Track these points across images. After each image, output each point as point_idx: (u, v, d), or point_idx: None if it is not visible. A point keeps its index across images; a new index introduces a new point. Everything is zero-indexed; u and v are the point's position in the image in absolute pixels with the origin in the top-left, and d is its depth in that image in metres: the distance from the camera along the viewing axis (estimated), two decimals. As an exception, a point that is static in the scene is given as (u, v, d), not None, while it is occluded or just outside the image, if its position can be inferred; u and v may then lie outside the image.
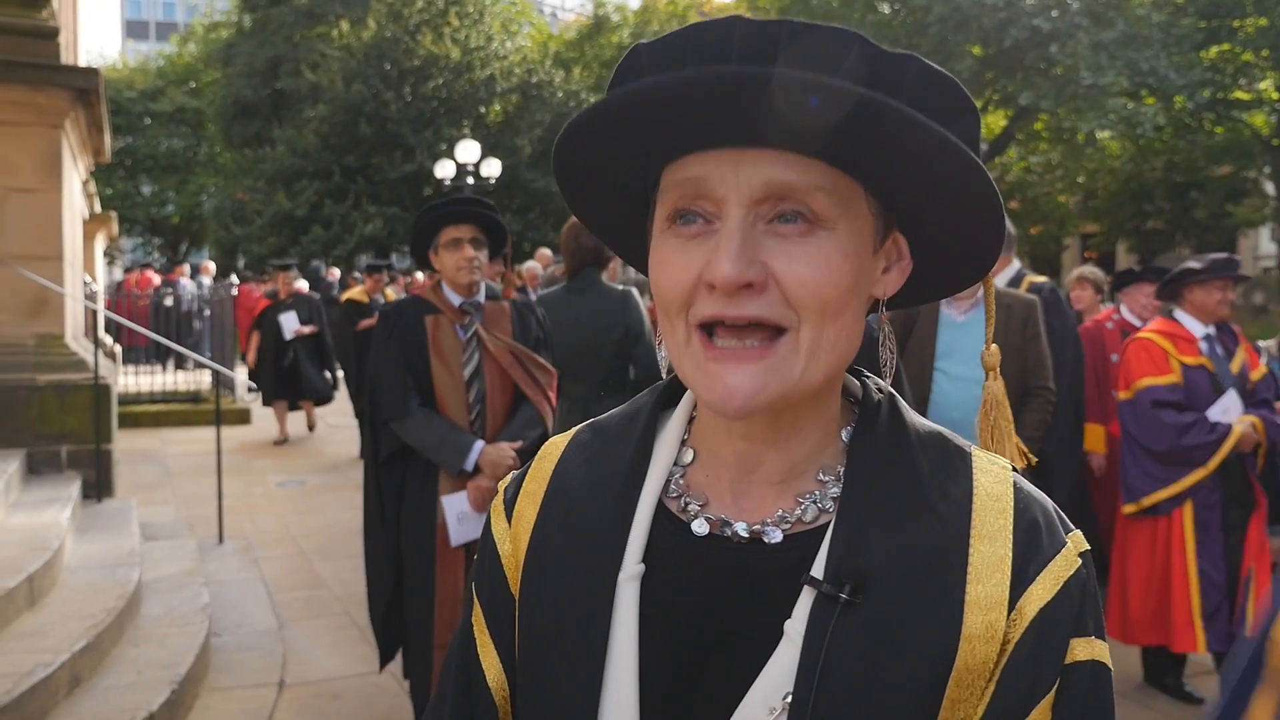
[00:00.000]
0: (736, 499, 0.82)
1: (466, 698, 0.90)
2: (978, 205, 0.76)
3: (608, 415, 0.93)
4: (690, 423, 0.88)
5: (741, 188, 0.73)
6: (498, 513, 0.93)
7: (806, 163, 0.72)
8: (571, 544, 0.84)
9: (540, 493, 0.89)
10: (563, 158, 0.80)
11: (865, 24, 20.80)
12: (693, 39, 0.75)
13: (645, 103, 0.71)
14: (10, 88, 5.82)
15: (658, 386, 0.91)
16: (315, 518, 7.21)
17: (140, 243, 38.69)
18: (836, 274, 0.73)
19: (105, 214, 11.85)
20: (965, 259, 0.83)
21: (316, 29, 28.41)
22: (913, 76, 0.74)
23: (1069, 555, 0.78)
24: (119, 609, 4.06)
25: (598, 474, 0.87)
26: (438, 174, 21.66)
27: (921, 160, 0.72)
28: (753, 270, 0.72)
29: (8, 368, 5.87)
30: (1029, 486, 0.81)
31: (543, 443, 1.90)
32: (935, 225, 0.80)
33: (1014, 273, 4.55)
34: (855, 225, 0.76)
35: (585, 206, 0.89)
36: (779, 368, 0.74)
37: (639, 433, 0.87)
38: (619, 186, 0.83)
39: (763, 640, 0.76)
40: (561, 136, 0.78)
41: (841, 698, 0.72)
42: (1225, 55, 20.40)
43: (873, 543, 0.76)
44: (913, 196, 0.77)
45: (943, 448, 0.82)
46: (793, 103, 0.67)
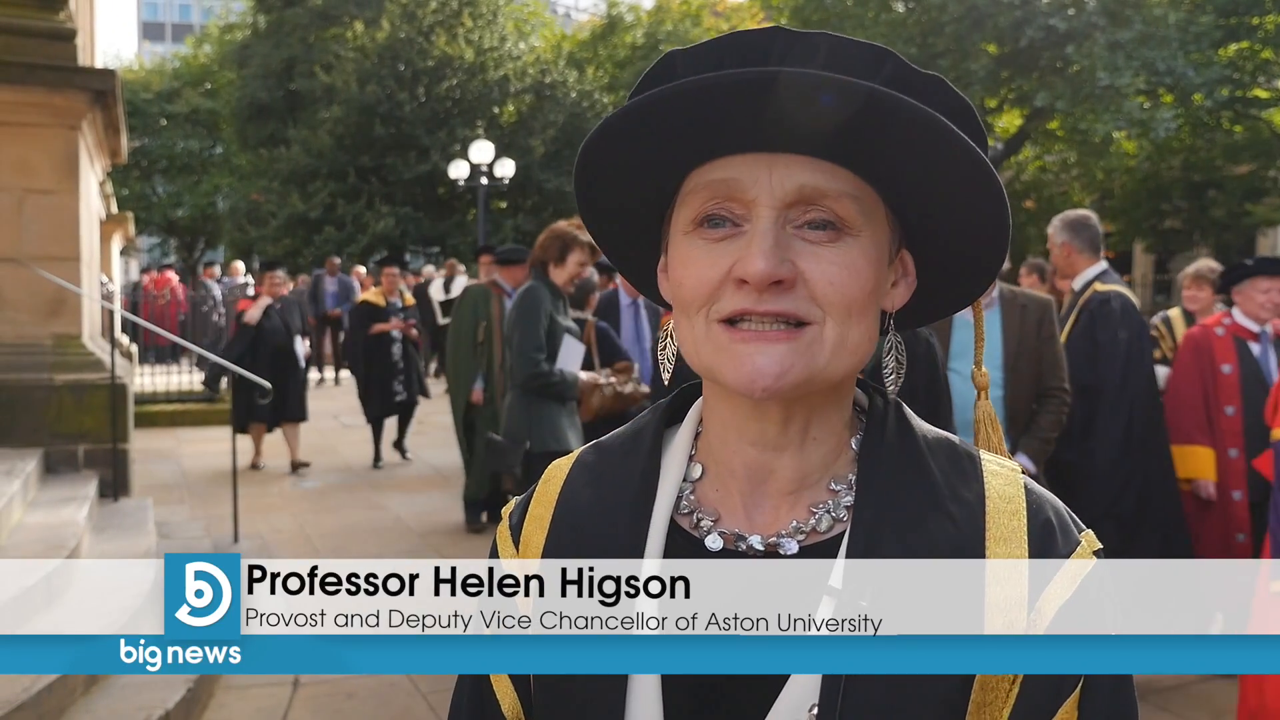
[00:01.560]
0: (749, 512, 0.82)
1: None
2: (985, 204, 0.77)
3: (611, 435, 0.93)
4: (696, 438, 0.87)
5: (775, 190, 0.74)
6: (504, 539, 0.91)
7: (832, 169, 0.74)
8: None
9: (547, 516, 0.88)
10: (590, 157, 0.80)
11: (879, 23, 20.72)
12: (732, 46, 0.76)
13: (686, 100, 0.73)
14: (28, 89, 5.86)
15: (660, 404, 0.91)
16: (330, 518, 7.23)
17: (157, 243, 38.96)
18: (863, 277, 0.75)
19: (122, 214, 11.94)
20: (969, 274, 0.85)
21: (331, 30, 28.53)
22: (940, 97, 0.76)
23: (1084, 553, 0.78)
24: (136, 607, 4.08)
25: (606, 494, 0.86)
26: (452, 174, 21.73)
27: (945, 170, 0.74)
28: (784, 268, 0.73)
29: (25, 368, 5.92)
30: (1039, 487, 0.82)
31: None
32: (945, 238, 0.81)
33: (1092, 275, 4.24)
34: (876, 234, 0.77)
35: (598, 214, 0.88)
36: (805, 352, 0.75)
37: (645, 450, 0.87)
38: (639, 193, 0.83)
39: None
40: (594, 134, 0.78)
41: (867, 708, 0.72)
42: (1244, 53, 20.23)
43: (889, 549, 0.76)
44: (932, 207, 0.78)
45: (951, 452, 0.82)
46: (821, 105, 0.69)
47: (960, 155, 0.73)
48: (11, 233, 5.92)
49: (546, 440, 4.49)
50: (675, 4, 32.91)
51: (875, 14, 21.17)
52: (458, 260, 17.21)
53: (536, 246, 4.97)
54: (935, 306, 0.89)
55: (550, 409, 4.58)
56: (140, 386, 10.71)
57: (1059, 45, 19.34)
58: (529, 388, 4.56)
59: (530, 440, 4.54)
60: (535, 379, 4.52)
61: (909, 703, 0.73)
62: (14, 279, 5.95)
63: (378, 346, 8.79)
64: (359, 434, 10.40)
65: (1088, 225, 4.31)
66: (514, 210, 27.33)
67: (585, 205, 0.86)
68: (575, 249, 4.85)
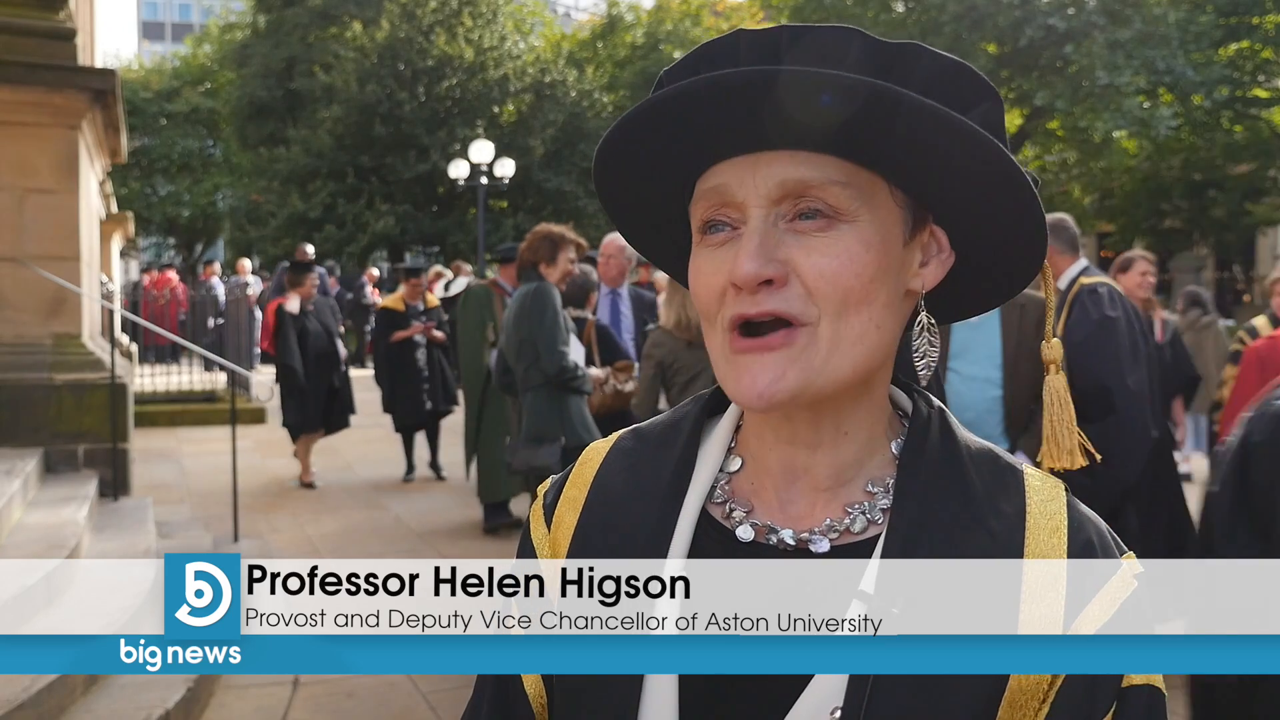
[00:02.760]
0: (783, 506, 0.81)
1: (504, 707, 0.89)
2: (1005, 190, 0.75)
3: (651, 421, 0.92)
4: (737, 431, 0.87)
5: (759, 189, 0.74)
6: (537, 518, 0.91)
7: (820, 159, 0.73)
8: (613, 550, 0.83)
9: (581, 498, 0.88)
10: (603, 160, 0.82)
11: (879, 22, 20.72)
12: (704, 54, 0.77)
13: (661, 115, 0.74)
14: (28, 89, 5.86)
15: (702, 395, 0.90)
16: (330, 518, 7.23)
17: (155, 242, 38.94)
18: (858, 264, 0.74)
19: (122, 214, 11.94)
20: (1009, 251, 0.81)
21: (331, 30, 28.52)
22: (924, 67, 0.74)
23: (1125, 576, 0.76)
24: (136, 607, 4.08)
25: (640, 480, 0.86)
26: (452, 174, 21.73)
27: (937, 147, 0.72)
28: (771, 267, 0.73)
29: (25, 367, 5.92)
30: (1082, 506, 0.80)
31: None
32: (969, 214, 0.79)
33: (1075, 271, 4.22)
34: (880, 216, 0.75)
35: (619, 208, 0.89)
36: (797, 358, 0.73)
37: (683, 439, 0.86)
38: (657, 193, 0.84)
39: None
40: (596, 156, 0.80)
41: (891, 717, 0.71)
42: (1244, 52, 20.22)
43: (924, 557, 0.74)
44: (936, 185, 0.76)
45: (994, 465, 0.81)
46: (801, 100, 0.69)
47: (951, 132, 0.71)
48: (11, 232, 5.91)
49: (580, 433, 4.60)
50: (675, 4, 32.89)
51: (875, 14, 21.18)
52: (463, 261, 17.17)
53: (524, 248, 4.99)
54: (969, 300, 0.87)
55: (577, 402, 4.69)
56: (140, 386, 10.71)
57: (1058, 44, 19.34)
58: (558, 383, 4.64)
59: (565, 435, 4.63)
60: (564, 373, 4.63)
61: (934, 713, 0.71)
62: (14, 278, 5.95)
63: (401, 354, 8.36)
64: (359, 434, 10.39)
65: (1066, 227, 4.34)
66: (514, 210, 27.33)
67: (606, 201, 0.87)
68: (564, 247, 4.88)
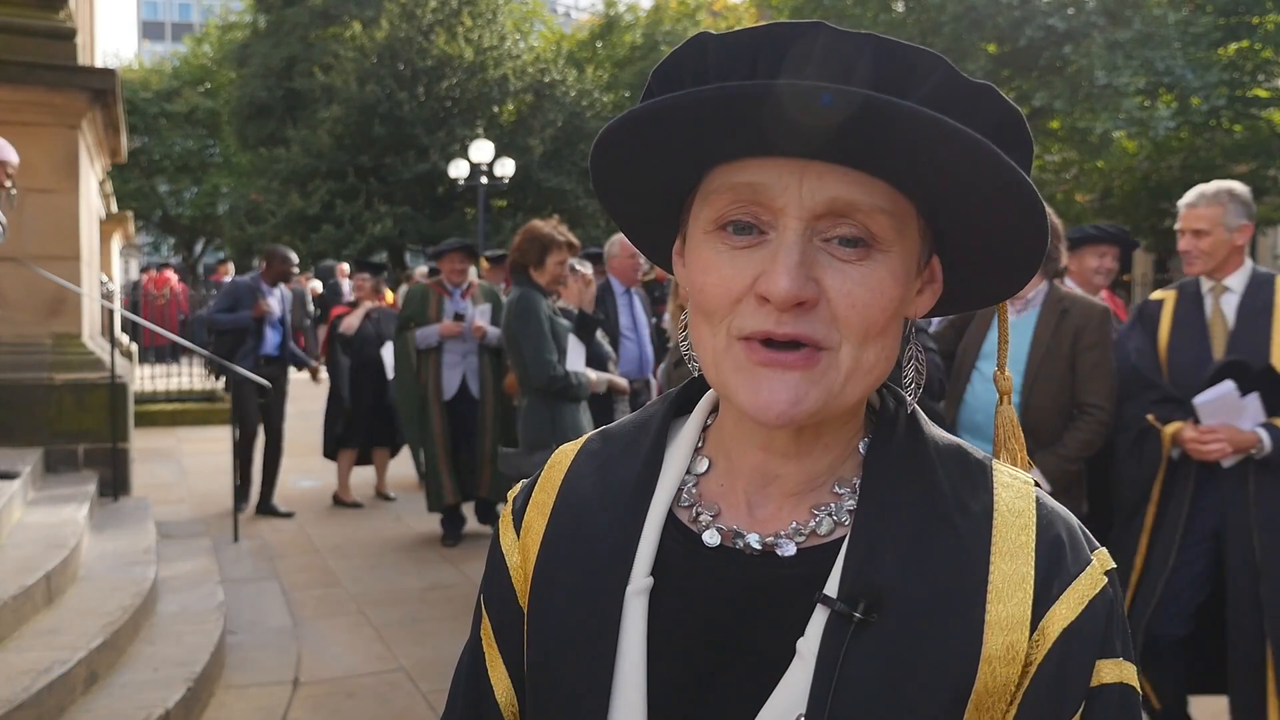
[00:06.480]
0: (751, 509, 0.79)
1: (475, 714, 0.89)
2: (1025, 227, 0.72)
3: (619, 422, 0.91)
4: (705, 430, 0.85)
5: (804, 201, 0.69)
6: (506, 524, 0.90)
7: (871, 182, 0.70)
8: (580, 555, 0.82)
9: (549, 503, 0.87)
10: (610, 143, 0.75)
11: (878, 23, 20.70)
12: (769, 42, 0.70)
13: (720, 105, 0.68)
14: (28, 89, 5.86)
15: (670, 394, 0.89)
16: (331, 518, 7.23)
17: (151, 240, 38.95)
18: (886, 297, 0.71)
19: (122, 214, 11.95)
20: (1001, 276, 0.80)
21: (331, 29, 28.51)
22: (988, 107, 0.71)
23: (1094, 573, 0.75)
24: (135, 607, 4.08)
25: (607, 483, 0.84)
26: (451, 174, 21.72)
27: (983, 188, 0.69)
28: (809, 288, 0.69)
29: (25, 367, 5.92)
30: (1052, 502, 0.79)
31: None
32: (977, 242, 0.77)
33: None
34: (907, 248, 0.73)
35: (612, 193, 0.84)
36: (818, 380, 0.71)
37: (650, 441, 0.84)
38: (658, 180, 0.79)
39: (775, 657, 0.74)
40: (616, 123, 0.73)
41: (855, 718, 0.70)
42: (1244, 52, 20.22)
43: (888, 559, 0.73)
44: (969, 219, 0.74)
45: (962, 461, 0.79)
46: (872, 125, 0.65)
47: (1000, 176, 0.68)
48: (11, 232, 5.91)
49: (570, 441, 4.59)
50: (673, 4, 32.90)
51: (874, 14, 21.16)
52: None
53: (513, 250, 4.95)
54: (959, 303, 0.85)
55: (570, 410, 4.65)
56: (140, 386, 10.71)
57: (1058, 45, 19.34)
58: (549, 391, 4.62)
59: (555, 443, 4.60)
60: (554, 383, 4.60)
61: (899, 716, 0.70)
62: (14, 278, 5.96)
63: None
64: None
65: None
66: (514, 210, 27.31)
67: (599, 186, 0.82)
68: (554, 249, 4.83)
